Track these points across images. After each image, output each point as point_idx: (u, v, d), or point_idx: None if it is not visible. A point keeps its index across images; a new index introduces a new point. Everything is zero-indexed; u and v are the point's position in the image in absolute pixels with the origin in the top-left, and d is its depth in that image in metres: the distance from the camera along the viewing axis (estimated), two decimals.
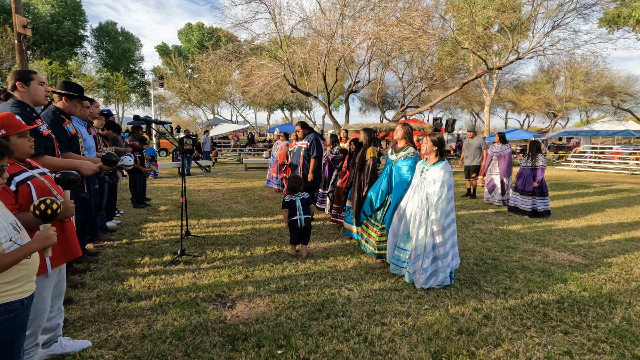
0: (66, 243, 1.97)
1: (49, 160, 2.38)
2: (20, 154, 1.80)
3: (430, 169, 3.22)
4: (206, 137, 15.44)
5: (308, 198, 4.14)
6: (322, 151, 5.76)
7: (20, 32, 6.65)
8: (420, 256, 3.16)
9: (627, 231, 5.35)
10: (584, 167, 15.41)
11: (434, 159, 3.27)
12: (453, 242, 3.23)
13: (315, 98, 13.45)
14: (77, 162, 2.63)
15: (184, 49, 39.01)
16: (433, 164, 3.23)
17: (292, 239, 4.05)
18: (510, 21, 12.46)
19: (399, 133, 3.73)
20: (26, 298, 1.49)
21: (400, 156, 3.68)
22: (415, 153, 3.65)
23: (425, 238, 3.16)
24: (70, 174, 1.81)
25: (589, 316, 2.74)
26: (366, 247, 3.96)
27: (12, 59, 19.99)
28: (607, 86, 27.60)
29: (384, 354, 2.22)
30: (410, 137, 3.75)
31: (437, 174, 3.15)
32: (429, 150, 3.28)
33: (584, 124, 35.92)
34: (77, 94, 2.99)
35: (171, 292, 3.00)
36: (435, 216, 3.11)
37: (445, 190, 3.11)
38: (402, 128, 3.72)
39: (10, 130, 1.74)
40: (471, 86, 21.30)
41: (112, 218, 5.27)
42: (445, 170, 3.15)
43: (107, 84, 34.47)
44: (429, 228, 3.15)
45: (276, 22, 11.95)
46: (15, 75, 2.40)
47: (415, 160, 3.61)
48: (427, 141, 3.27)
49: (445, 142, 3.29)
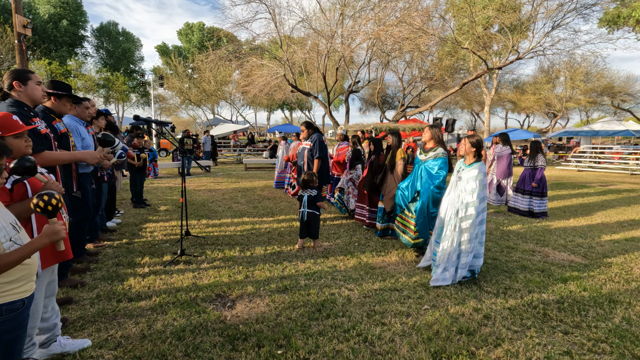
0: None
1: (50, 155, 2.37)
2: (16, 154, 1.80)
3: (467, 169, 3.35)
4: (206, 137, 15.44)
5: (315, 195, 4.31)
6: (326, 152, 5.66)
7: (20, 32, 6.65)
8: (447, 252, 3.29)
9: (627, 231, 5.34)
10: (584, 167, 15.41)
11: (471, 159, 3.38)
12: (480, 241, 3.33)
13: (315, 98, 13.45)
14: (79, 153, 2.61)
15: (184, 49, 38.98)
16: (470, 164, 3.36)
17: (300, 232, 4.30)
18: (510, 21, 12.46)
19: (427, 135, 3.98)
20: (26, 298, 1.49)
21: (430, 156, 3.92)
22: (444, 153, 3.88)
23: (453, 234, 3.28)
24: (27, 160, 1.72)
25: (589, 316, 2.74)
26: (403, 237, 4.14)
27: (12, 59, 19.98)
28: (607, 86, 27.60)
29: (384, 354, 2.22)
30: (439, 138, 3.99)
31: (472, 174, 3.28)
32: (467, 151, 3.39)
33: (584, 124, 35.91)
34: (66, 93, 2.97)
35: (171, 292, 3.00)
36: (465, 213, 3.25)
37: (478, 189, 3.23)
38: (430, 130, 3.98)
39: (5, 131, 1.73)
40: (471, 86, 21.30)
41: (112, 218, 5.27)
42: (480, 170, 3.27)
43: (107, 84, 34.47)
44: (457, 225, 3.27)
45: (276, 22, 11.95)
46: (12, 75, 2.38)
47: (445, 160, 3.86)
48: (466, 143, 3.39)
49: (483, 144, 3.45)
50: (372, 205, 5.17)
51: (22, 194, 1.72)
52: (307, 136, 5.70)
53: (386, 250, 4.24)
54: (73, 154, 2.56)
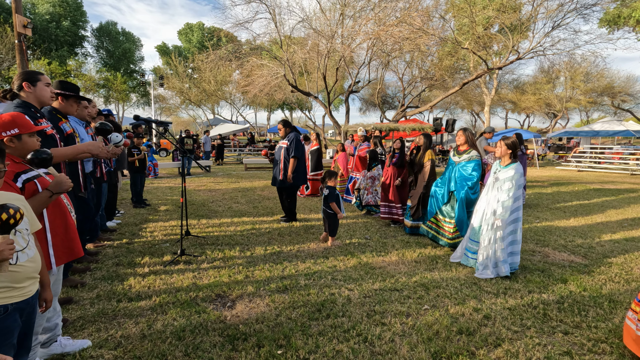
0: (69, 242, 1.98)
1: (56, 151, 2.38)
2: (28, 152, 1.82)
3: (503, 169, 3.52)
4: (206, 137, 15.44)
5: (328, 194, 4.46)
6: (303, 151, 5.45)
7: (21, 32, 6.66)
8: (486, 249, 3.47)
9: (627, 231, 5.34)
10: (584, 168, 15.40)
11: (507, 160, 3.53)
12: (514, 239, 3.47)
13: (315, 98, 13.45)
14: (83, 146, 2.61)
15: (183, 49, 38.97)
16: (506, 165, 3.52)
17: (324, 227, 4.59)
18: (510, 21, 12.46)
19: (461, 139, 4.23)
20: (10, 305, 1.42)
21: (464, 158, 4.16)
22: (478, 156, 4.11)
23: (490, 232, 3.48)
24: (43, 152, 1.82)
25: (589, 316, 2.74)
26: (440, 239, 4.36)
27: (12, 58, 19.99)
28: (607, 86, 27.58)
29: (384, 354, 2.22)
30: (472, 141, 4.22)
31: (508, 174, 3.44)
32: (503, 153, 3.55)
33: (584, 124, 35.91)
34: (73, 94, 2.99)
35: (171, 292, 3.00)
36: (501, 212, 3.43)
37: (514, 189, 3.40)
38: (464, 134, 4.21)
39: (23, 129, 1.76)
40: (471, 86, 21.30)
41: (113, 218, 5.27)
42: (516, 170, 3.42)
43: (107, 84, 34.46)
44: (494, 223, 3.46)
45: (276, 22, 11.95)
46: (22, 76, 2.42)
47: (478, 162, 4.09)
48: (502, 145, 3.54)
49: (518, 145, 3.61)
50: (400, 202, 5.43)
51: (33, 192, 1.75)
52: (284, 135, 5.49)
53: (386, 250, 4.24)
54: (78, 147, 2.56)
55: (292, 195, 5.51)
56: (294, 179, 5.36)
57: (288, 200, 5.52)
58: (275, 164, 5.54)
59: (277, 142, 16.23)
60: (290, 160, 5.31)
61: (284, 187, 5.43)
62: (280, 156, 5.41)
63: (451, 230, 4.20)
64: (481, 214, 3.65)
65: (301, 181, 5.51)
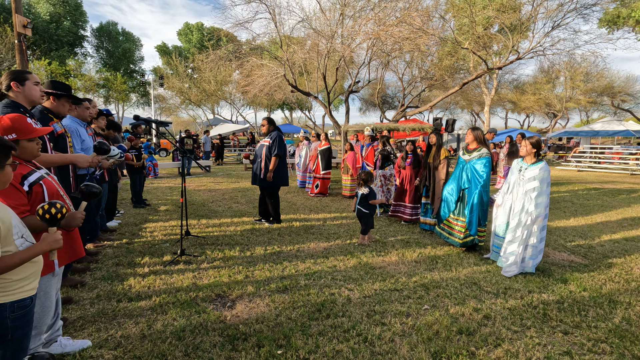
0: (71, 243, 1.99)
1: (44, 157, 2.38)
2: (29, 156, 1.81)
3: (530, 167, 3.61)
4: (206, 137, 15.43)
5: (367, 194, 4.57)
6: (285, 150, 5.31)
7: (20, 32, 6.65)
8: (513, 245, 3.55)
9: (627, 231, 5.34)
10: (584, 167, 15.41)
11: (532, 159, 3.65)
12: (542, 237, 3.58)
13: (315, 98, 13.44)
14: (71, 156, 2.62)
15: (183, 49, 38.96)
16: (532, 163, 3.62)
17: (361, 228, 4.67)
18: (510, 21, 12.45)
19: (470, 137, 4.31)
20: (34, 295, 1.52)
21: (474, 156, 4.22)
22: (488, 153, 4.17)
23: (516, 229, 3.56)
24: (93, 186, 1.85)
25: (589, 316, 2.74)
26: (451, 239, 4.39)
27: (12, 58, 19.97)
28: (607, 86, 27.57)
29: (384, 354, 2.22)
30: (481, 139, 4.29)
31: (536, 172, 3.54)
32: (528, 152, 3.66)
33: (584, 124, 35.89)
34: (65, 93, 2.96)
35: (171, 292, 3.00)
36: (532, 209, 3.51)
37: (544, 186, 3.52)
38: (472, 133, 4.29)
39: (21, 134, 1.74)
40: (471, 86, 21.28)
41: (113, 218, 5.27)
42: (544, 169, 3.53)
43: (107, 84, 34.44)
44: (523, 219, 3.54)
45: (276, 22, 11.94)
46: (10, 76, 2.38)
47: (489, 159, 4.16)
48: (527, 144, 3.66)
49: (542, 144, 3.75)
50: (415, 202, 5.59)
51: (40, 195, 1.75)
52: (267, 132, 5.38)
53: (386, 250, 4.24)
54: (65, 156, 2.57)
55: (274, 196, 5.37)
56: (275, 179, 5.24)
57: (271, 200, 5.37)
58: (255, 161, 5.40)
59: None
60: (272, 158, 5.18)
61: (264, 186, 5.30)
62: (262, 154, 5.26)
63: (462, 230, 4.25)
64: (507, 211, 3.73)
65: (282, 182, 5.37)
